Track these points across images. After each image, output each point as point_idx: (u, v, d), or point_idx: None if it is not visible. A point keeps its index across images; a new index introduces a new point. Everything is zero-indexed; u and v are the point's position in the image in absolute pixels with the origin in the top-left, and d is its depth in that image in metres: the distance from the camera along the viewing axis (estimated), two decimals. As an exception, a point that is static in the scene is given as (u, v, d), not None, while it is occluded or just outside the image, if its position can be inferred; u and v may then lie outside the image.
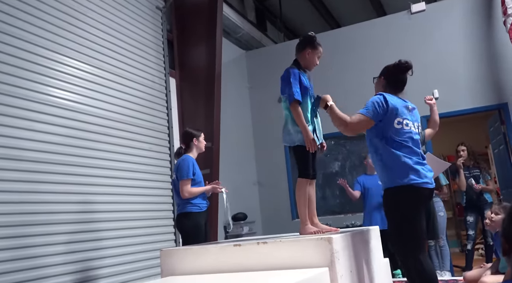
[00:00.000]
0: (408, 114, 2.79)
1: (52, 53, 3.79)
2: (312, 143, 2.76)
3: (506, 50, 5.90)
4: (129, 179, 4.44)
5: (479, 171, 5.66)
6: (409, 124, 2.75)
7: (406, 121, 2.75)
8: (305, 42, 2.99)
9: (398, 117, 2.72)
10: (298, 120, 2.79)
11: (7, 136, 3.28)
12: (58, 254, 3.52)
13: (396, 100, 2.82)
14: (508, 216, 1.21)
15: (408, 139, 2.70)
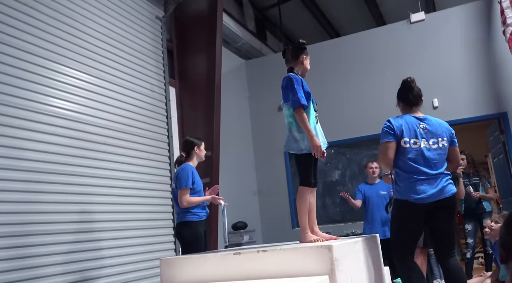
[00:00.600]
0: (417, 132, 2.97)
1: (50, 62, 3.81)
2: (319, 149, 2.77)
3: (505, 59, 5.94)
4: (128, 188, 4.43)
5: (478, 179, 5.67)
6: (417, 143, 2.93)
7: (414, 139, 2.94)
8: (299, 49, 3.00)
9: (404, 138, 2.94)
10: (304, 126, 2.78)
11: (5, 146, 3.28)
12: (57, 264, 3.51)
13: (404, 121, 3.01)
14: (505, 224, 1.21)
15: (416, 157, 2.91)
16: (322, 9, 8.47)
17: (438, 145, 2.96)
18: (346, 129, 6.71)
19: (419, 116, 3.07)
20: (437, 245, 3.05)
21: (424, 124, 3.02)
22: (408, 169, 2.93)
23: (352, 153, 6.75)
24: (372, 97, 6.67)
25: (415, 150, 2.92)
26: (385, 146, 3.00)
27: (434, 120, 3.07)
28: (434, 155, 2.93)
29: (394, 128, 2.98)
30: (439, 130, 3.01)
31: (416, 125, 2.99)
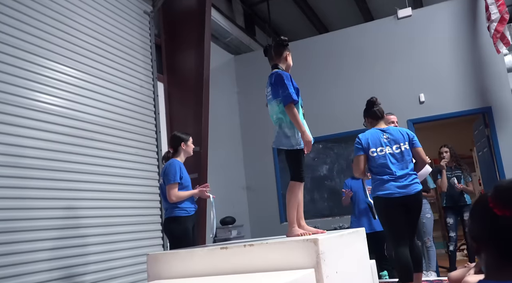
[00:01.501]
0: (382, 141, 3.55)
1: (37, 58, 3.77)
2: (310, 144, 2.84)
3: (490, 55, 6.02)
4: (116, 184, 4.43)
5: (460, 173, 5.78)
6: (383, 149, 3.53)
7: (380, 148, 3.54)
8: (281, 46, 3.04)
9: (371, 149, 3.54)
10: (296, 121, 2.82)
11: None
12: (42, 260, 3.49)
13: (370, 135, 3.59)
14: (470, 216, 1.24)
15: (383, 161, 3.50)
16: (311, 4, 8.48)
17: (400, 149, 3.52)
18: (334, 124, 6.75)
19: (383, 128, 3.64)
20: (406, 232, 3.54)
21: (387, 134, 3.58)
22: (379, 173, 3.50)
23: (340, 148, 6.80)
24: (360, 92, 6.70)
25: (382, 156, 3.50)
26: (357, 159, 3.59)
27: (395, 129, 3.67)
28: (398, 158, 3.51)
29: (362, 143, 3.55)
30: (399, 137, 3.57)
31: (380, 136, 3.57)
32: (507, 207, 1.10)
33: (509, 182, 1.14)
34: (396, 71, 6.58)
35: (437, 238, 8.02)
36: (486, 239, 1.15)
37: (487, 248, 1.16)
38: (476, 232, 1.18)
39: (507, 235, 1.10)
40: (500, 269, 1.13)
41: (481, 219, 1.17)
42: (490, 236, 1.14)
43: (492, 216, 1.12)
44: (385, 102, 6.14)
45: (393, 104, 6.09)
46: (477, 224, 1.18)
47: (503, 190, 1.12)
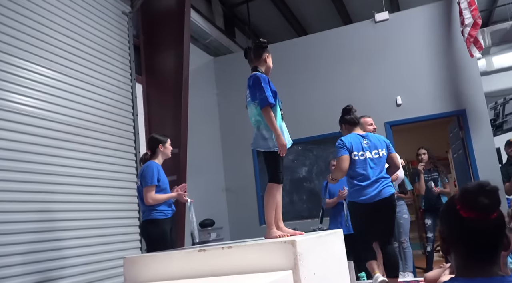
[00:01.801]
0: (362, 146, 3.69)
1: (12, 57, 3.70)
2: (285, 148, 2.84)
3: (464, 59, 6.14)
4: (93, 186, 4.36)
5: (437, 175, 5.89)
6: (364, 154, 3.67)
7: (361, 152, 3.67)
8: (261, 48, 3.05)
9: (354, 152, 3.66)
10: (271, 124, 2.83)
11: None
12: (15, 265, 3.41)
13: (352, 139, 3.71)
14: (441, 217, 1.29)
15: (362, 165, 3.64)
16: (290, 6, 8.53)
17: (378, 155, 3.70)
18: (313, 126, 6.80)
19: (362, 134, 3.80)
20: (379, 236, 3.71)
21: (366, 139, 3.76)
22: (356, 176, 3.64)
23: (319, 150, 6.85)
24: (338, 95, 6.78)
25: (362, 160, 3.65)
26: (341, 159, 3.65)
27: (373, 136, 3.85)
28: (376, 163, 3.67)
29: (346, 144, 3.66)
30: (378, 143, 3.75)
31: (361, 140, 3.73)
32: (472, 210, 1.16)
33: (474, 185, 1.19)
34: (373, 74, 6.66)
35: (414, 239, 8.15)
36: (454, 240, 1.21)
37: (455, 248, 1.22)
38: (445, 233, 1.24)
39: (472, 236, 1.16)
40: (467, 268, 1.18)
41: (450, 221, 1.22)
42: (458, 237, 1.19)
43: (459, 218, 1.17)
44: (363, 105, 6.26)
45: (370, 106, 6.18)
46: (446, 225, 1.24)
47: (469, 194, 1.18)
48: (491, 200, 1.16)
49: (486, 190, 1.18)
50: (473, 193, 1.18)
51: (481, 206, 1.16)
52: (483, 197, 1.16)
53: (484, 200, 1.16)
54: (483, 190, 1.17)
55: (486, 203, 1.16)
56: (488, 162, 5.96)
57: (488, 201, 1.16)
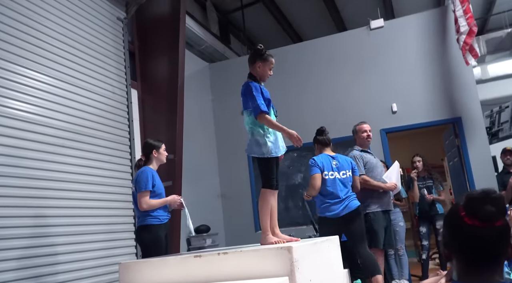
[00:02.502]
0: (332, 166, 4.03)
1: (7, 63, 3.67)
2: (296, 138, 2.90)
3: (459, 67, 6.17)
4: (88, 192, 4.33)
5: (432, 182, 5.88)
6: (333, 174, 4.01)
7: (331, 172, 4.01)
8: (254, 55, 3.04)
9: (325, 171, 3.98)
10: (273, 126, 2.89)
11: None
12: (9, 270, 3.36)
13: (323, 159, 4.03)
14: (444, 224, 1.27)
15: (332, 184, 3.97)
16: (285, 13, 8.57)
17: (346, 175, 4.04)
18: (308, 133, 6.76)
19: (332, 155, 4.11)
20: (353, 242, 3.95)
21: (336, 161, 4.07)
22: (326, 194, 3.94)
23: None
24: (333, 102, 6.79)
25: (332, 180, 3.97)
26: (314, 177, 3.94)
27: (342, 157, 4.15)
28: (344, 182, 4.01)
29: (318, 163, 3.96)
30: (345, 165, 4.09)
31: (330, 161, 4.05)
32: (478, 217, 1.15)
33: (480, 193, 1.18)
34: (369, 81, 6.68)
35: (409, 246, 8.13)
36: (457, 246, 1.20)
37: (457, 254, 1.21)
38: (448, 238, 1.23)
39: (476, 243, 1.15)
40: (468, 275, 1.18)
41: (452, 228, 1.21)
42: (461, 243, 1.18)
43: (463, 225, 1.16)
44: (358, 112, 6.29)
45: (366, 114, 6.20)
46: (448, 232, 1.23)
47: (475, 201, 1.17)
48: (497, 207, 1.16)
49: (492, 197, 1.17)
50: (478, 201, 1.17)
51: (487, 214, 1.15)
52: (489, 205, 1.15)
53: (490, 208, 1.15)
54: (488, 198, 1.17)
55: (492, 210, 1.15)
56: (484, 170, 5.97)
57: (494, 208, 1.15)
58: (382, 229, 4.28)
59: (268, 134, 2.91)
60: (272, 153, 2.87)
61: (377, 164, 4.50)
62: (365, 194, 4.38)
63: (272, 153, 2.87)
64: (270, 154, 2.86)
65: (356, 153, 4.49)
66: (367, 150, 4.56)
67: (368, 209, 4.32)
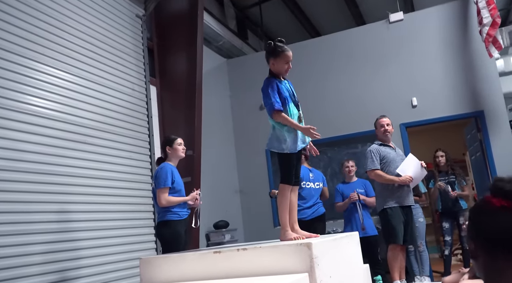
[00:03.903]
0: (309, 178, 5.08)
1: (29, 61, 3.74)
2: (313, 131, 2.89)
3: (482, 59, 6.04)
4: (109, 188, 4.39)
5: (454, 178, 5.76)
6: (309, 184, 5.04)
7: (308, 182, 5.02)
8: (267, 53, 2.98)
9: (303, 181, 4.89)
10: (289, 124, 2.85)
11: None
12: (34, 264, 3.45)
13: (303, 170, 4.34)
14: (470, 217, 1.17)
15: (307, 193, 4.97)
16: (302, 8, 8.50)
17: (319, 186, 5.10)
18: (327, 128, 6.74)
19: (309, 168, 5.15)
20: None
21: (312, 173, 5.12)
22: (301, 199, 4.61)
23: (333, 152, 6.80)
24: (352, 96, 6.73)
25: (308, 189, 4.98)
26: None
27: (316, 171, 5.26)
28: (316, 192, 5.05)
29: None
30: (319, 177, 5.18)
31: (308, 173, 5.04)
32: (507, 197, 1.05)
33: (509, 177, 1.10)
34: (388, 75, 6.60)
35: (431, 242, 8.04)
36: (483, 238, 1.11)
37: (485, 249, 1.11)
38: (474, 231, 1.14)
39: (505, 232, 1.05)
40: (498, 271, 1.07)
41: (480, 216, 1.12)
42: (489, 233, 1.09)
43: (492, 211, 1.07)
44: (378, 106, 6.22)
45: (385, 108, 6.12)
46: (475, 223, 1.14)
47: (504, 182, 1.08)
48: None
49: None
50: (507, 181, 1.07)
51: None
52: None
53: None
54: None
55: None
56: (507, 165, 5.84)
57: None
58: (400, 225, 4.21)
59: (288, 130, 2.89)
60: (292, 149, 2.86)
61: (397, 158, 4.42)
62: (382, 189, 4.34)
63: (292, 149, 2.86)
64: (290, 150, 2.85)
65: (372, 147, 4.45)
66: (387, 144, 4.50)
67: (386, 204, 4.26)
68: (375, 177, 4.34)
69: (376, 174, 4.31)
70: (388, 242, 4.27)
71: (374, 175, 4.34)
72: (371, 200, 5.11)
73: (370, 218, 5.26)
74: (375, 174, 4.32)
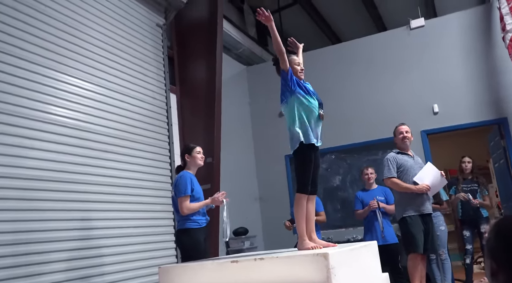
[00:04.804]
0: None
1: (51, 71, 3.83)
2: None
3: (505, 65, 5.94)
4: (129, 195, 4.46)
5: (477, 186, 5.65)
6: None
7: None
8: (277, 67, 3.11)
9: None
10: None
11: (5, 154, 3.29)
12: (58, 271, 3.52)
13: None
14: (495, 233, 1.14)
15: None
16: (322, 14, 8.51)
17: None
18: (347, 134, 6.73)
19: None
20: None
21: None
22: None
23: (353, 159, 6.76)
24: (372, 103, 6.69)
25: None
26: None
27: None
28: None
29: None
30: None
31: None
32: None
33: None
34: (409, 82, 6.54)
35: (453, 250, 7.90)
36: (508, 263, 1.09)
37: (507, 272, 1.10)
38: (498, 253, 1.13)
39: None
40: None
41: (507, 242, 1.11)
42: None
43: None
44: (398, 113, 6.17)
45: (406, 114, 6.07)
46: (501, 245, 1.12)
47: None
48: None
49: None
50: None
51: None
52: None
53: None
54: None
55: None
56: (531, 172, 5.73)
57: None
58: (420, 233, 4.15)
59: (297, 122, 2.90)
60: (303, 138, 2.86)
61: (414, 166, 4.37)
62: (401, 197, 4.30)
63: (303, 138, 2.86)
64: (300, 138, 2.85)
65: (389, 155, 4.41)
66: (406, 152, 4.46)
67: (405, 213, 4.21)
68: (392, 185, 4.31)
69: (393, 182, 4.28)
70: (408, 251, 4.22)
71: (391, 183, 4.31)
72: (391, 207, 5.05)
73: (390, 226, 5.20)
74: (392, 182, 4.29)
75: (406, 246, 4.27)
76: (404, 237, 4.28)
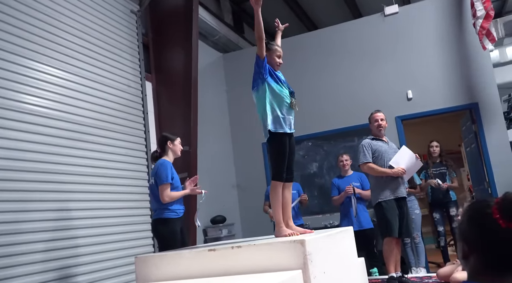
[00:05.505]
0: None
1: (23, 59, 3.73)
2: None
3: (476, 51, 6.06)
4: (105, 185, 4.40)
5: (446, 168, 5.84)
6: None
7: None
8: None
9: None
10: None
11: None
12: (33, 263, 3.48)
13: None
14: (467, 216, 1.17)
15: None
16: (299, 1, 8.48)
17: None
18: (323, 122, 6.78)
19: None
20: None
21: None
22: None
23: (329, 146, 6.82)
24: (347, 90, 6.75)
25: None
26: None
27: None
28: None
29: None
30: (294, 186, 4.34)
31: None
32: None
33: None
34: (383, 68, 6.61)
35: (427, 233, 8.09)
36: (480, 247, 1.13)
37: (478, 255, 1.13)
38: (470, 236, 1.16)
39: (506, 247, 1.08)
40: (485, 275, 1.11)
41: (480, 227, 1.13)
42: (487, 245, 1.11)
43: (494, 227, 1.09)
44: (373, 99, 6.24)
45: (381, 101, 6.15)
46: (473, 229, 1.15)
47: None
48: None
49: None
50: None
51: None
52: None
53: None
54: None
55: None
56: (502, 156, 5.89)
57: None
58: (395, 218, 4.23)
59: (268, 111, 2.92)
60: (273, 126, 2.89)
61: (389, 151, 4.44)
62: (376, 182, 4.37)
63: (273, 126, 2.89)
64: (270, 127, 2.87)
65: (364, 142, 4.48)
66: (380, 138, 4.53)
67: (380, 198, 4.29)
68: (368, 170, 4.38)
69: (369, 167, 4.34)
70: (384, 235, 4.31)
71: (367, 168, 4.37)
72: (366, 193, 5.13)
73: (366, 211, 5.29)
74: (368, 167, 4.35)
75: (382, 230, 4.35)
76: (380, 222, 4.36)
